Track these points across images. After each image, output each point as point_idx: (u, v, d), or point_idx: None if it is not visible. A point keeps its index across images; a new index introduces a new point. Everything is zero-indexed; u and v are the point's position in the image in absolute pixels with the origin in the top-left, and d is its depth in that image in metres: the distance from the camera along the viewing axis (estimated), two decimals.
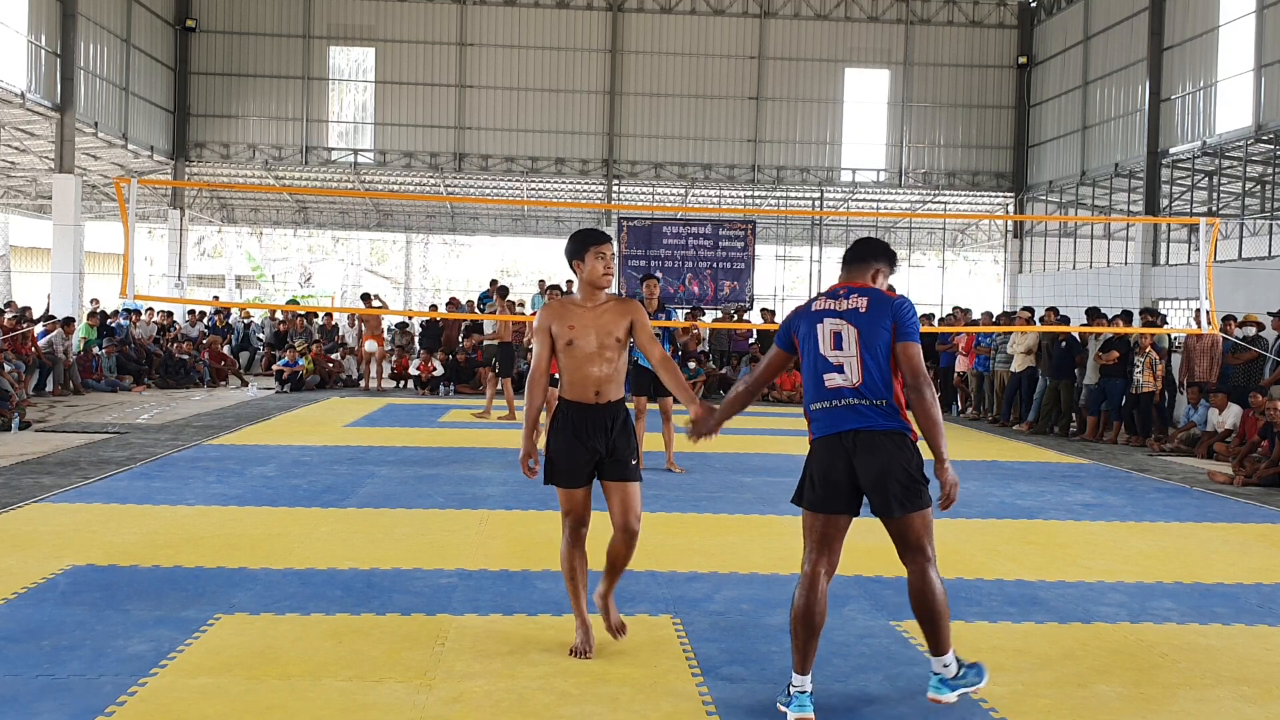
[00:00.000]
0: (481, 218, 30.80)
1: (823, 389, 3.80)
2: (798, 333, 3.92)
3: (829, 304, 3.86)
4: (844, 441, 3.74)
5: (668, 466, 9.16)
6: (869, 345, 3.74)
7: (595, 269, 4.21)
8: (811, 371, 3.84)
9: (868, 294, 3.83)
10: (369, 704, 3.72)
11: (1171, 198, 21.12)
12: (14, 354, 13.33)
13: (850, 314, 3.79)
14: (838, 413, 3.76)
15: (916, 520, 3.80)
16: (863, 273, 3.94)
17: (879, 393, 3.72)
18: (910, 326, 3.75)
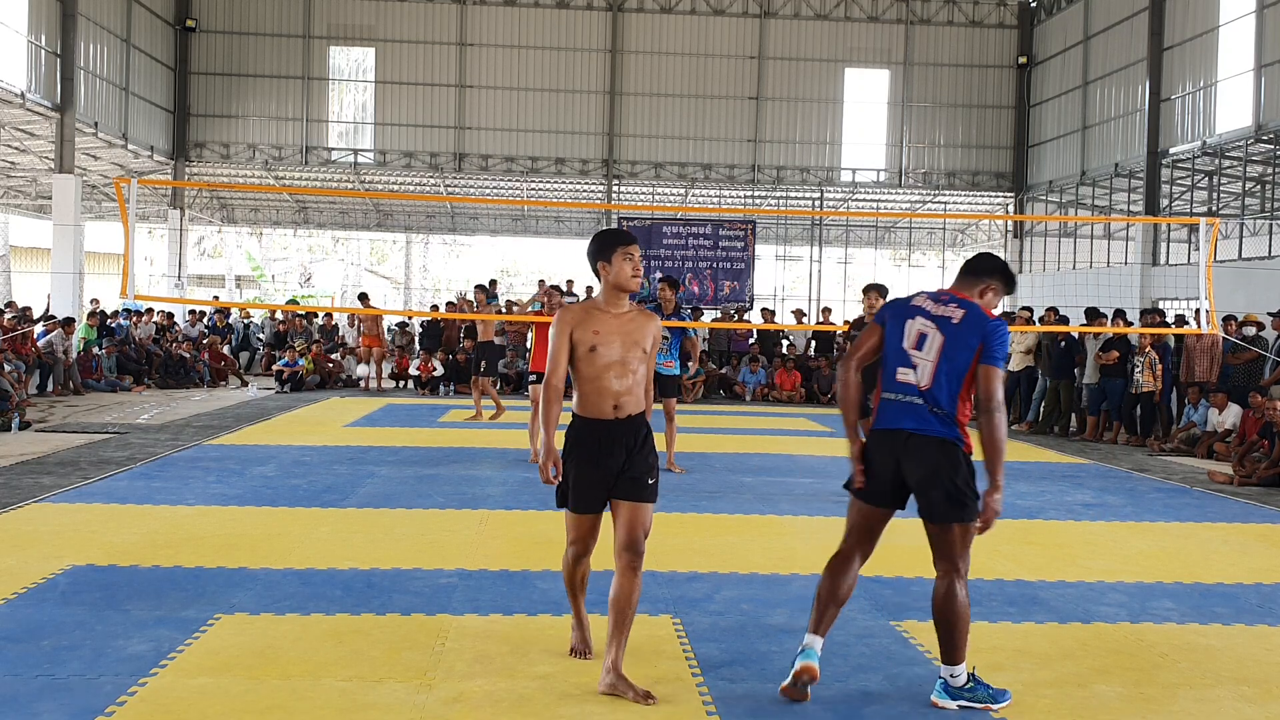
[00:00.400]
0: (481, 218, 30.79)
1: (893, 381, 3.87)
2: (888, 317, 3.96)
3: (926, 304, 3.91)
4: (896, 440, 3.81)
5: (668, 467, 9.15)
6: (949, 356, 3.78)
7: (624, 271, 3.89)
8: (887, 362, 3.91)
9: (966, 307, 3.85)
10: (369, 704, 3.72)
11: (1171, 198, 21.12)
12: (14, 354, 13.33)
13: (942, 320, 3.83)
14: (899, 408, 3.83)
15: (955, 531, 3.83)
16: (972, 285, 3.95)
17: (942, 402, 3.78)
18: (997, 351, 3.77)
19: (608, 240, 3.97)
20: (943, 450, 3.77)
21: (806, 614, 4.89)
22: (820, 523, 7.13)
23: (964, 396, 3.80)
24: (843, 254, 28.83)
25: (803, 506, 7.68)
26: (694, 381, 16.62)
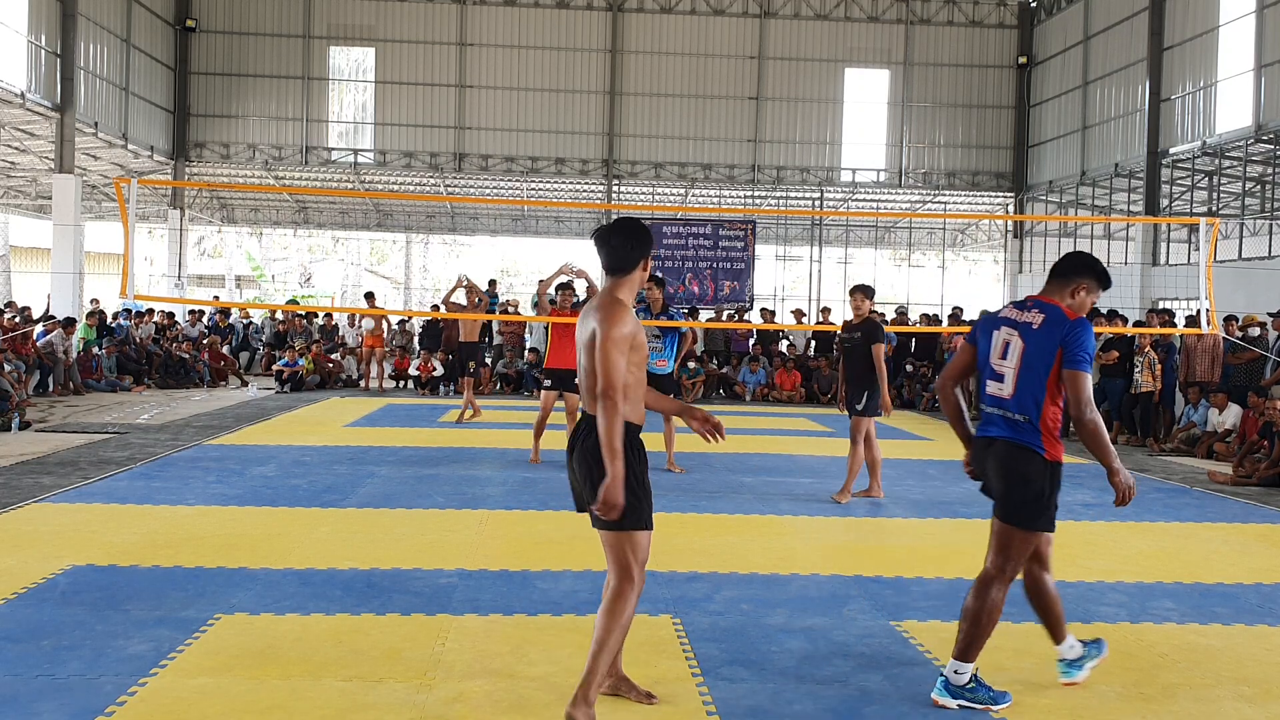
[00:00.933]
0: (481, 218, 30.79)
1: (985, 393, 3.98)
2: (978, 333, 4.05)
3: (1012, 313, 3.96)
4: (985, 447, 3.96)
5: (668, 467, 9.15)
6: (1030, 362, 3.82)
7: (644, 273, 3.75)
8: (980, 377, 4.02)
9: (1047, 310, 3.87)
10: (369, 704, 3.72)
11: (1171, 198, 21.12)
12: (14, 354, 13.33)
13: (1024, 327, 3.87)
14: (990, 418, 3.96)
15: (1014, 535, 3.88)
16: (1062, 288, 3.96)
17: (1026, 408, 3.83)
18: (1079, 353, 3.78)
19: (648, 238, 3.71)
20: (1018, 456, 3.85)
21: (806, 614, 4.92)
22: (820, 523, 7.13)
23: (1051, 401, 3.83)
24: (843, 254, 28.82)
25: (803, 506, 7.68)
26: (694, 381, 16.63)
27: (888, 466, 9.92)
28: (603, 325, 3.49)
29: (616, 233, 3.66)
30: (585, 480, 3.59)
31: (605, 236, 3.67)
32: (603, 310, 3.54)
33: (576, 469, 3.64)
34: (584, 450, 3.58)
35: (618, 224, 3.71)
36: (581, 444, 3.61)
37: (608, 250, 3.65)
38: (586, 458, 3.57)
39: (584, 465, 3.58)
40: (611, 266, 3.66)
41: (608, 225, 3.73)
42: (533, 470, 8.98)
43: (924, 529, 7.01)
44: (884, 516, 7.41)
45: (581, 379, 3.66)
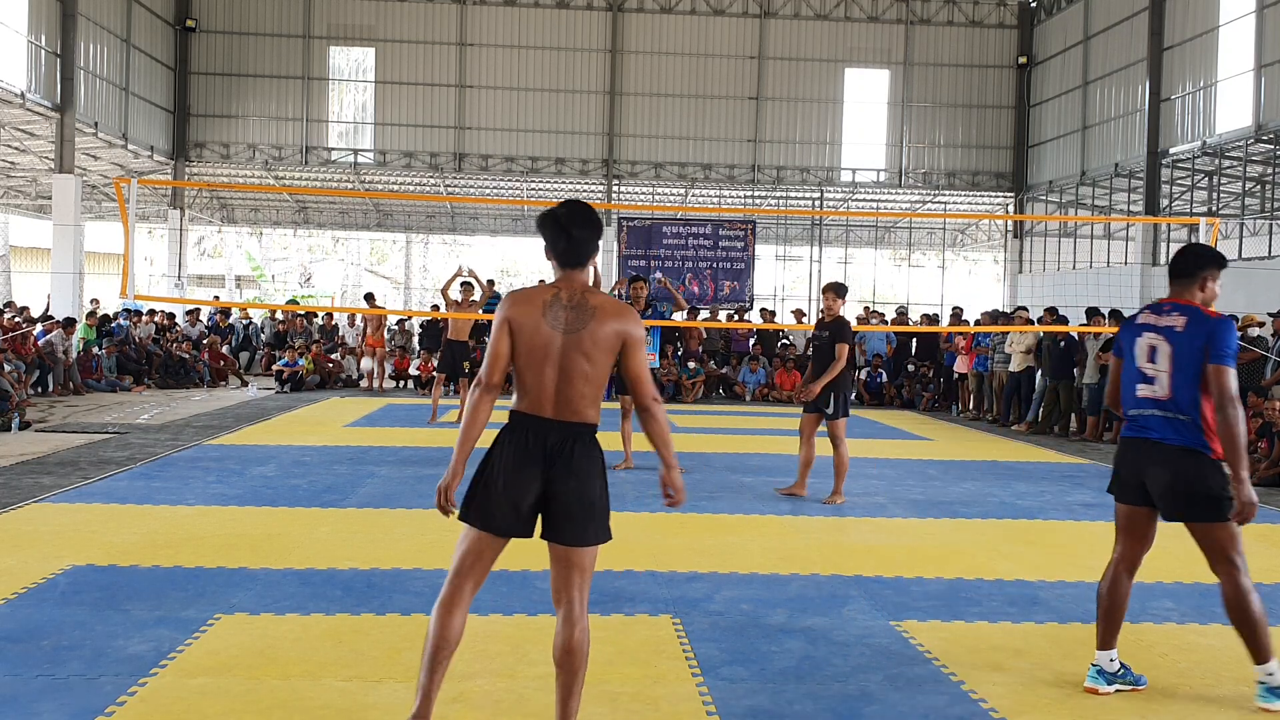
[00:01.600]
0: (481, 218, 30.79)
1: (1133, 398, 4.03)
2: (1122, 343, 4.13)
3: (1151, 318, 4.04)
4: (1142, 447, 3.97)
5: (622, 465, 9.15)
6: (1180, 363, 3.90)
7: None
8: (1128, 379, 4.07)
9: (1186, 313, 3.95)
10: (369, 704, 3.72)
11: (1171, 198, 21.12)
12: (14, 354, 13.33)
13: (1167, 330, 3.96)
14: (1144, 420, 3.99)
15: (1220, 530, 3.91)
16: (1188, 285, 4.03)
17: (1185, 408, 3.89)
18: (1223, 349, 3.84)
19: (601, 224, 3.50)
20: (1188, 458, 3.89)
21: (806, 614, 4.92)
22: (820, 523, 7.13)
23: (1206, 399, 3.89)
24: (843, 254, 28.83)
25: (802, 507, 7.68)
26: (694, 381, 16.63)
27: (888, 466, 9.92)
28: (639, 330, 3.30)
29: (581, 223, 3.32)
30: (573, 491, 3.24)
31: (565, 227, 3.30)
32: (626, 313, 3.31)
33: (560, 479, 3.24)
34: (570, 457, 3.24)
35: (580, 213, 3.34)
36: (564, 450, 3.24)
37: (571, 242, 3.31)
38: (576, 464, 3.24)
39: (573, 473, 3.24)
40: (579, 259, 3.34)
41: (565, 213, 3.33)
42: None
43: (924, 529, 7.01)
44: (884, 516, 7.41)
45: (552, 379, 3.25)
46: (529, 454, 3.24)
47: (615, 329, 3.27)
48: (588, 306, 3.28)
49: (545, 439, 3.24)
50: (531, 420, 3.27)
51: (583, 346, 3.24)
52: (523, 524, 3.29)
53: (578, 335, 3.24)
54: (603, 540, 3.32)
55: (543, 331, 3.24)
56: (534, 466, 3.23)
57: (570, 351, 3.24)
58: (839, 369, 7.78)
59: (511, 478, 3.25)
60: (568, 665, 3.24)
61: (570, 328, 3.25)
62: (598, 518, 3.29)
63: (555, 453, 3.24)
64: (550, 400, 3.25)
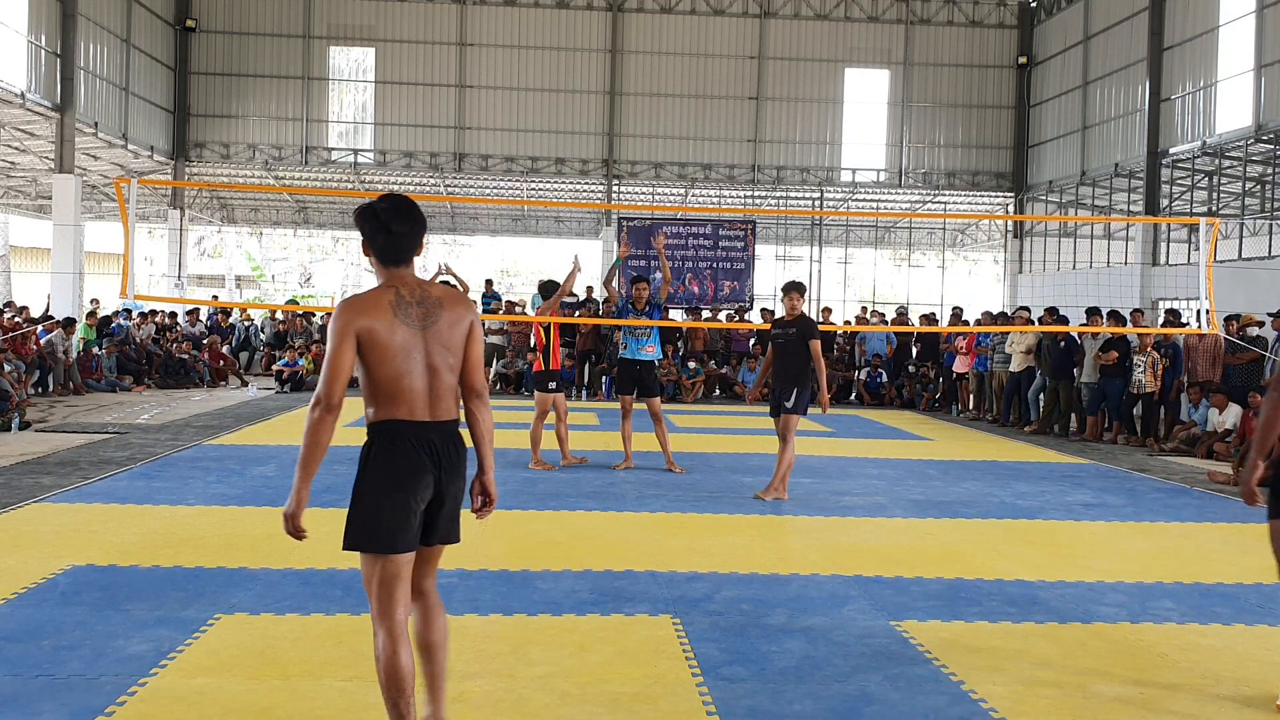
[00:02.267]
0: (481, 218, 30.80)
1: None
2: None
3: None
4: None
5: (668, 467, 9.16)
6: None
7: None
8: None
9: None
10: (369, 704, 3.72)
11: (1171, 198, 21.12)
12: (14, 354, 13.33)
13: None
14: None
15: None
16: None
17: None
18: None
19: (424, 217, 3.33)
20: None
21: (806, 614, 4.92)
22: (820, 523, 7.13)
23: None
24: (843, 254, 28.83)
25: (803, 507, 7.68)
26: (694, 381, 16.63)
27: (888, 466, 9.93)
28: (476, 315, 3.26)
29: (401, 218, 3.18)
30: (459, 491, 3.23)
31: (385, 223, 3.16)
32: (465, 300, 3.27)
33: (451, 482, 3.18)
34: (455, 457, 3.19)
35: (400, 208, 3.20)
36: (449, 452, 3.17)
37: (391, 237, 3.17)
38: (461, 464, 3.21)
39: (459, 474, 3.20)
40: (400, 256, 3.20)
41: (385, 208, 3.18)
42: (533, 471, 8.98)
43: (924, 529, 7.01)
44: (884, 516, 7.41)
45: (424, 379, 3.14)
46: (419, 461, 3.11)
47: (463, 316, 3.22)
48: (432, 299, 3.18)
49: (430, 442, 3.13)
50: (410, 426, 3.12)
51: (443, 339, 3.16)
52: (418, 532, 3.19)
53: (435, 329, 3.15)
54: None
55: (400, 333, 3.10)
56: (427, 473, 3.12)
57: (433, 347, 3.15)
58: (823, 365, 7.83)
59: (411, 488, 3.10)
60: (435, 655, 3.27)
61: (426, 323, 3.14)
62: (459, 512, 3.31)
63: (441, 455, 3.15)
64: (424, 402, 3.14)
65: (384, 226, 3.16)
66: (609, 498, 7.78)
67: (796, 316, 7.99)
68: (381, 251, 3.19)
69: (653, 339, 9.20)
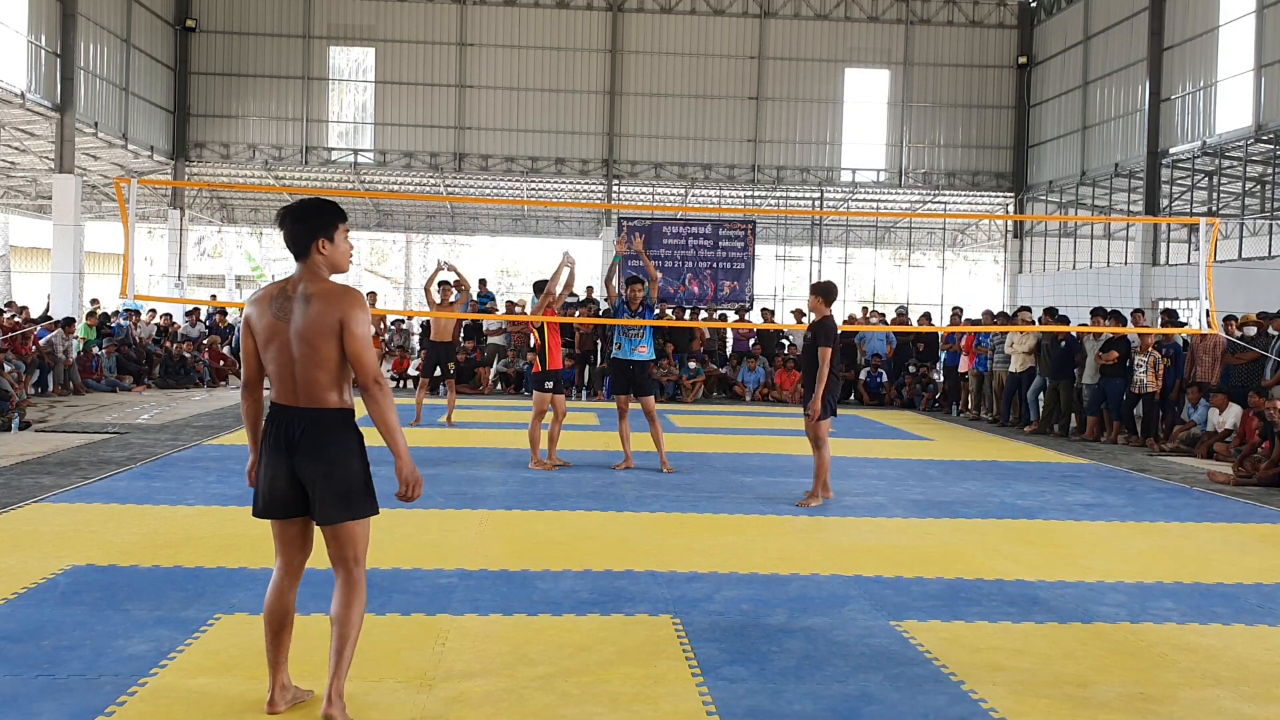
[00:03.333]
0: (481, 218, 30.80)
1: None
2: None
3: None
4: None
5: (662, 466, 9.16)
6: None
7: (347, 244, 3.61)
8: None
9: None
10: (369, 704, 3.72)
11: (1171, 198, 21.13)
12: (14, 354, 13.33)
13: None
14: None
15: None
16: None
17: None
18: None
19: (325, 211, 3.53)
20: None
21: (806, 614, 4.91)
22: (820, 522, 7.13)
23: None
24: (843, 254, 28.84)
25: (803, 506, 7.67)
26: (694, 381, 16.63)
27: (888, 466, 9.93)
28: (356, 313, 3.39)
29: (295, 217, 3.48)
30: (321, 474, 3.40)
31: (282, 222, 3.51)
32: (344, 298, 3.41)
33: (306, 464, 3.40)
34: (314, 442, 3.40)
35: (298, 206, 3.51)
36: (308, 436, 3.40)
37: (286, 235, 3.49)
38: (322, 449, 3.40)
39: (319, 458, 3.40)
40: (296, 250, 3.49)
41: (289, 208, 3.52)
42: (532, 471, 8.98)
43: (924, 529, 7.01)
44: (884, 516, 7.40)
45: (288, 368, 3.40)
46: (278, 440, 3.44)
47: (333, 314, 3.38)
48: (308, 295, 3.41)
49: (289, 425, 3.43)
50: (279, 409, 3.47)
51: (305, 334, 3.38)
52: (290, 505, 3.49)
53: (300, 324, 3.38)
54: (361, 516, 3.48)
55: (269, 324, 3.42)
56: (281, 453, 3.43)
57: (296, 340, 3.39)
58: (825, 374, 7.69)
59: (268, 463, 3.47)
60: (342, 621, 3.47)
61: (291, 316, 3.40)
62: (354, 496, 3.46)
63: (300, 438, 3.41)
64: (290, 388, 3.43)
65: (282, 225, 3.52)
66: (609, 498, 7.78)
67: (817, 320, 7.89)
68: (287, 247, 3.51)
69: (645, 339, 9.20)
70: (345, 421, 3.47)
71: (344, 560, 3.50)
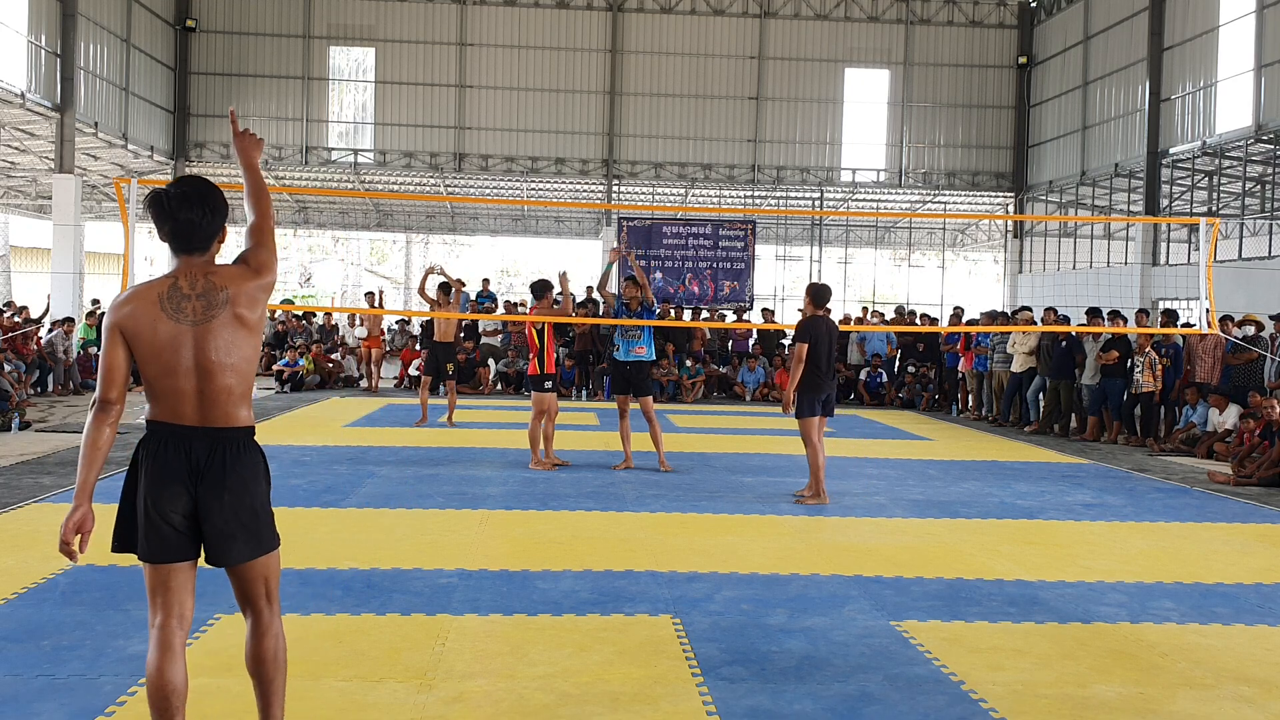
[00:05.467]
0: (481, 218, 30.80)
1: None
2: None
3: None
4: None
5: (660, 465, 9.16)
6: None
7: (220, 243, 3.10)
8: None
9: None
10: (369, 704, 3.72)
11: (1171, 198, 21.12)
12: (14, 354, 13.33)
13: None
14: None
15: None
16: None
17: None
18: None
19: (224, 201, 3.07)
20: None
21: (806, 614, 4.91)
22: (820, 523, 7.13)
23: None
24: (843, 254, 28.84)
25: (802, 506, 7.68)
26: (694, 381, 16.63)
27: (888, 466, 9.93)
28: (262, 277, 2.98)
29: (190, 206, 2.90)
30: (233, 509, 2.90)
31: (171, 211, 2.87)
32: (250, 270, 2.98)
33: (212, 495, 2.86)
34: (230, 471, 2.88)
35: (191, 193, 2.92)
36: (225, 463, 2.87)
37: (179, 225, 2.88)
38: (235, 479, 2.89)
39: (234, 490, 2.89)
40: (189, 244, 2.91)
41: (172, 193, 2.89)
42: (532, 471, 8.98)
43: (924, 529, 7.01)
44: (884, 516, 7.40)
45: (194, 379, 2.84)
46: (171, 468, 2.84)
47: (251, 286, 2.93)
48: (216, 288, 2.87)
49: (189, 450, 2.85)
50: (171, 429, 2.85)
51: (223, 335, 2.85)
52: (185, 545, 2.92)
53: (212, 324, 2.84)
54: (271, 548, 3.03)
55: (163, 329, 2.80)
56: (178, 483, 2.84)
57: (207, 344, 2.83)
58: (796, 370, 7.80)
59: (158, 496, 2.84)
60: (262, 674, 3.01)
61: (201, 318, 2.83)
62: (263, 526, 2.99)
63: (204, 465, 2.85)
64: (191, 405, 2.85)
65: (170, 214, 2.87)
66: (609, 498, 7.78)
67: (801, 320, 7.98)
68: (170, 239, 2.90)
69: (644, 340, 9.21)
70: (251, 441, 2.97)
71: (258, 598, 3.02)
